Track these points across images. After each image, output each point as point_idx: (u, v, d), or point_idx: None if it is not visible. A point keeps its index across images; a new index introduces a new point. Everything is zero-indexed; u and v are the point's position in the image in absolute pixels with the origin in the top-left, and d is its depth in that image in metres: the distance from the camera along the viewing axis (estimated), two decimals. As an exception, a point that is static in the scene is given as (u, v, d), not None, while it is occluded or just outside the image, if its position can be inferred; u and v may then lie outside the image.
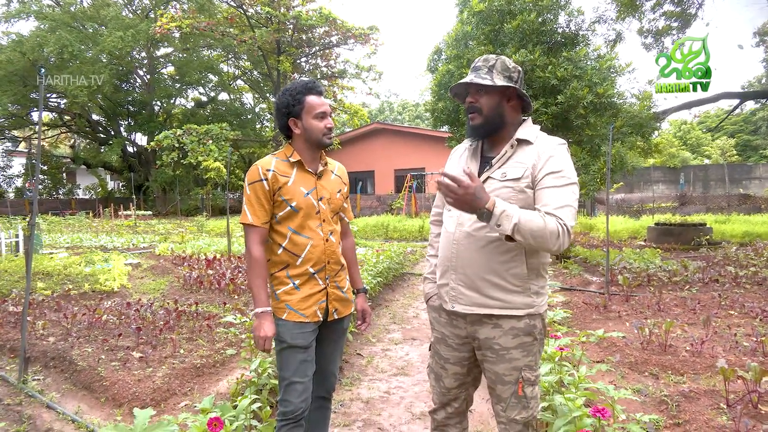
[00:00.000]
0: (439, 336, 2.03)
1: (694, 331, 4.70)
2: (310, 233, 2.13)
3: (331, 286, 2.19)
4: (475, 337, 1.89)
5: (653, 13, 13.52)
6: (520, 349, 1.83)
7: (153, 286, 7.40)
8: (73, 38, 25.47)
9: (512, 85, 1.85)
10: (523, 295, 1.82)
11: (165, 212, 29.23)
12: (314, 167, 2.19)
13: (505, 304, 1.81)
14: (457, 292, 1.88)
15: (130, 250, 11.99)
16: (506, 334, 1.82)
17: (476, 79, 1.84)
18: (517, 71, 1.90)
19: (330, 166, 2.28)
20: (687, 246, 11.40)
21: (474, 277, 1.82)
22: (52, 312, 5.50)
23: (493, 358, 1.85)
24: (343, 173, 2.35)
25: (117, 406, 3.37)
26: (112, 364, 3.90)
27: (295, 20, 24.72)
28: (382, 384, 3.84)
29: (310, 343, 2.12)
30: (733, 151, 38.57)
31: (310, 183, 2.16)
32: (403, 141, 27.18)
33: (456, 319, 1.94)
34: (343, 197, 2.29)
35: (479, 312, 1.83)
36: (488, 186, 1.80)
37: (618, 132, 8.94)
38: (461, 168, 1.83)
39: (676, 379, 3.63)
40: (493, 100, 1.86)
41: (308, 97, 2.10)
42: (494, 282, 1.80)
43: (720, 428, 2.79)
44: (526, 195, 1.75)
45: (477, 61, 1.92)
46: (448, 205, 1.74)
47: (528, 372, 1.85)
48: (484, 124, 1.88)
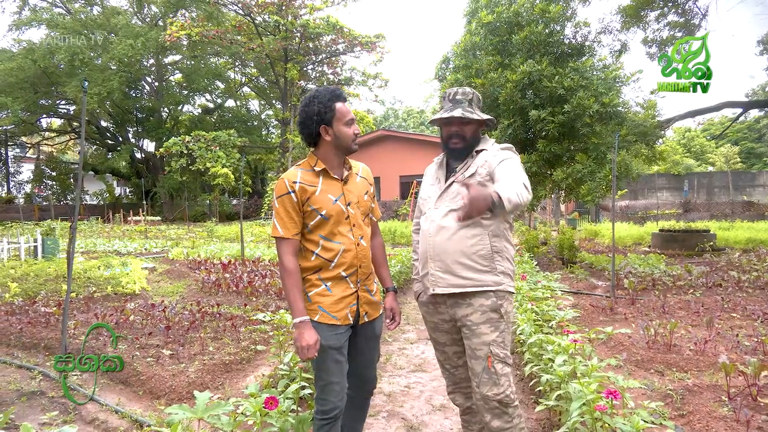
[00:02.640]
0: (431, 326, 2.37)
1: (697, 332, 4.90)
2: (341, 239, 2.16)
3: (361, 289, 2.22)
4: (454, 318, 2.23)
5: (657, 24, 13.79)
6: (488, 325, 2.14)
7: (171, 289, 7.64)
8: (83, 46, 25.90)
9: (489, 117, 2.30)
10: (491, 274, 2.16)
11: (172, 218, 29.53)
12: (339, 173, 2.22)
13: (476, 282, 2.15)
14: (436, 277, 2.20)
15: (143, 254, 12.24)
16: (476, 311, 2.15)
17: (467, 114, 2.23)
18: (479, 101, 2.36)
19: (354, 168, 2.30)
20: (691, 252, 11.58)
21: (449, 261, 2.16)
22: (80, 313, 5.74)
23: (468, 334, 2.18)
24: (367, 174, 2.35)
25: (155, 399, 3.59)
26: (146, 360, 4.13)
27: (302, 28, 25.10)
28: (401, 379, 4.06)
29: (343, 344, 2.16)
30: (737, 158, 38.69)
31: (337, 189, 2.19)
32: (409, 147, 27.44)
33: (439, 306, 2.27)
34: (370, 198, 2.32)
35: (455, 291, 2.16)
36: (453, 188, 2.22)
37: (623, 140, 9.16)
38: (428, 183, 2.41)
39: (680, 376, 3.84)
40: (473, 129, 2.29)
41: (337, 104, 2.15)
42: (465, 263, 2.14)
43: (721, 418, 2.99)
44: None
45: (455, 94, 2.28)
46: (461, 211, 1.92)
47: (497, 348, 2.14)
48: (465, 148, 2.27)
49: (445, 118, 2.25)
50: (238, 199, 32.41)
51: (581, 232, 14.22)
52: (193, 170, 25.60)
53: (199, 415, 2.01)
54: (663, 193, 28.79)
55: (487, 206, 1.83)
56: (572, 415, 2.19)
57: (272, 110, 35.39)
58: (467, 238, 2.14)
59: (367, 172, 2.37)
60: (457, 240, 2.14)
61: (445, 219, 2.18)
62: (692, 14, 13.57)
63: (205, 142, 24.29)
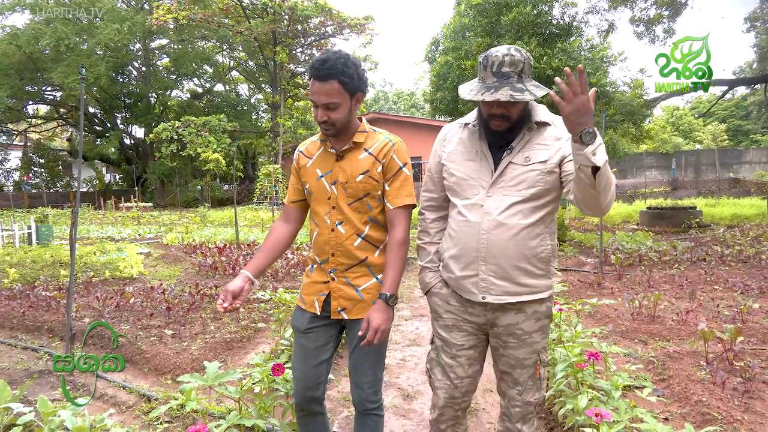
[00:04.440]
0: (449, 323, 1.94)
1: (680, 304, 5.11)
2: (317, 219, 1.99)
3: (339, 281, 1.96)
4: (494, 323, 1.88)
5: (645, 2, 13.86)
6: (540, 332, 1.87)
7: (168, 272, 7.75)
8: (68, 31, 25.55)
9: (547, 90, 1.70)
10: (546, 278, 1.85)
11: (164, 204, 29.46)
12: (339, 146, 1.94)
13: (533, 289, 1.82)
14: (488, 283, 1.81)
15: (137, 240, 12.31)
16: (529, 319, 1.84)
17: (517, 95, 1.66)
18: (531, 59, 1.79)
19: (368, 142, 1.95)
20: (678, 228, 11.83)
21: (507, 266, 1.78)
22: (80, 297, 5.85)
23: (515, 344, 1.86)
24: (382, 149, 1.93)
25: (160, 375, 3.73)
26: (150, 340, 4.27)
27: (290, 11, 24.86)
28: (397, 353, 4.22)
29: (307, 329, 2.00)
30: (725, 136, 39.08)
31: (328, 164, 1.96)
32: (400, 130, 27.41)
33: (472, 306, 1.89)
34: (372, 179, 1.91)
35: (511, 300, 1.81)
36: (511, 171, 1.77)
37: (611, 120, 9.31)
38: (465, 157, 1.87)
39: (662, 344, 4.03)
40: (524, 107, 1.77)
41: (312, 80, 1.81)
42: (526, 269, 1.79)
43: (699, 381, 3.18)
44: (553, 177, 1.75)
45: (501, 65, 1.69)
46: (570, 110, 1.54)
47: (544, 354, 1.92)
48: (511, 128, 1.78)
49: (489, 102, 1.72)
50: (229, 185, 32.36)
51: (571, 211, 14.46)
52: (183, 156, 25.49)
53: (210, 382, 2.15)
54: (651, 171, 29.12)
55: (582, 138, 1.53)
56: (557, 376, 2.35)
57: (262, 94, 35.18)
58: (530, 238, 1.77)
59: (384, 147, 1.94)
60: (519, 241, 1.76)
61: (506, 214, 1.77)
62: (679, -8, 13.66)
63: (195, 128, 24.17)
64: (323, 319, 2.00)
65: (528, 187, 1.75)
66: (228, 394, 2.33)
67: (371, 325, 1.83)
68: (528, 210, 1.77)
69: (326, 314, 1.99)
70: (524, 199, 1.76)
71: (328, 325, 2.01)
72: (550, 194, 1.79)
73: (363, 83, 1.84)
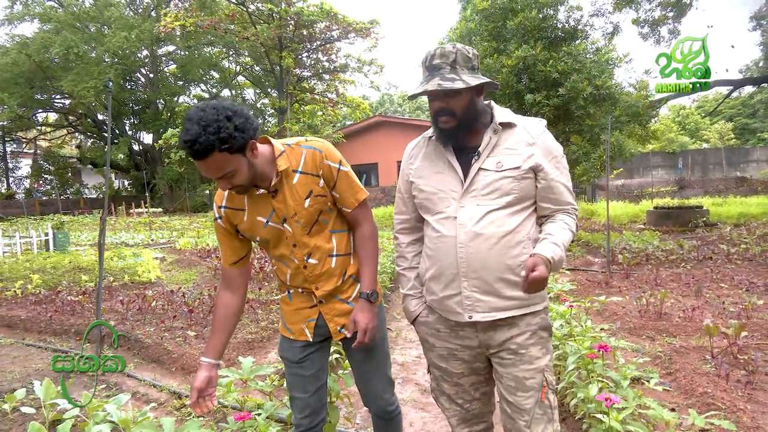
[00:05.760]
0: (443, 352, 1.81)
1: (686, 301, 5.24)
2: (285, 260, 1.85)
3: (328, 302, 1.87)
4: (488, 344, 1.73)
5: (649, 4, 13.98)
6: (539, 346, 1.70)
7: (184, 276, 7.94)
8: (77, 39, 25.92)
9: (485, 80, 1.66)
10: None
11: (173, 209, 29.77)
12: (266, 185, 1.73)
13: (523, 302, 1.67)
14: (472, 300, 1.67)
15: (150, 245, 12.53)
16: (523, 333, 1.69)
17: (445, 84, 1.60)
18: (476, 57, 1.69)
19: (293, 161, 1.75)
20: (684, 228, 11.92)
21: (490, 279, 1.64)
22: (103, 301, 6.04)
23: (511, 359, 1.69)
24: (312, 162, 1.76)
25: (187, 374, 3.91)
26: (175, 341, 4.45)
27: (296, 16, 25.11)
28: (412, 351, 4.38)
29: (301, 359, 1.89)
30: (731, 134, 39.02)
31: (266, 207, 1.76)
32: (406, 133, 27.63)
33: (462, 329, 1.74)
34: (320, 196, 1.78)
35: (500, 317, 1.67)
36: (482, 178, 1.66)
37: (617, 121, 9.44)
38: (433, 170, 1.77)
39: (669, 340, 4.17)
40: (465, 100, 1.66)
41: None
42: (510, 280, 1.64)
43: (704, 374, 3.32)
44: (527, 182, 1.67)
45: (432, 58, 1.66)
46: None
47: (549, 374, 1.71)
48: (459, 126, 1.68)
49: (417, 94, 1.68)
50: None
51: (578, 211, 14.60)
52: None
53: (246, 376, 2.31)
54: (658, 171, 29.14)
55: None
56: (568, 368, 2.50)
57: (268, 99, 35.47)
58: (511, 247, 1.64)
59: (312, 159, 1.76)
60: (500, 251, 1.63)
61: (482, 223, 1.64)
62: (683, -7, 13.76)
63: (203, 133, 24.42)
64: (316, 345, 1.91)
65: (502, 195, 1.65)
66: (261, 389, 2.50)
67: (359, 326, 1.80)
68: (505, 217, 1.65)
69: (320, 338, 1.90)
70: (497, 207, 1.65)
71: (321, 349, 1.93)
72: (527, 200, 1.69)
73: (249, 130, 1.57)
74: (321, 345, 1.92)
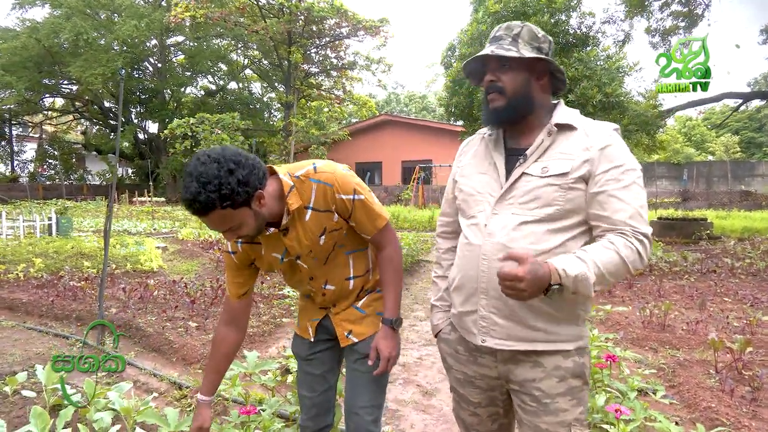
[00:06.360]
0: (460, 377, 1.63)
1: (690, 314, 5.22)
2: (302, 290, 1.86)
3: (343, 309, 1.84)
4: (508, 378, 1.51)
5: (661, 13, 13.96)
6: (569, 397, 1.44)
7: (186, 267, 7.94)
8: (87, 26, 25.92)
9: (543, 56, 1.47)
10: (572, 324, 1.46)
11: (175, 199, 29.78)
12: (276, 222, 1.63)
13: (550, 336, 1.43)
14: (488, 321, 1.46)
15: (153, 234, 12.53)
16: (550, 377, 1.43)
17: (498, 50, 1.45)
18: (547, 42, 1.52)
19: (304, 197, 1.61)
20: (688, 240, 11.89)
21: (513, 303, 1.40)
22: (106, 288, 6.02)
23: (534, 408, 1.46)
24: (323, 199, 1.63)
25: (188, 365, 3.90)
26: (177, 331, 4.44)
27: (306, 12, 25.09)
28: (414, 352, 4.37)
29: (308, 356, 1.89)
30: (737, 148, 38.95)
31: (279, 245, 1.68)
32: (411, 133, 27.65)
33: (482, 356, 1.55)
34: (335, 230, 1.69)
35: (518, 348, 1.44)
36: (524, 184, 1.44)
37: (624, 129, 9.41)
38: (477, 170, 1.57)
39: (672, 352, 4.15)
40: (519, 77, 1.47)
41: None
42: (539, 308, 1.41)
43: (708, 389, 3.30)
44: (576, 194, 1.40)
45: (497, 30, 1.51)
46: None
47: (579, 428, 1.45)
48: (508, 107, 1.48)
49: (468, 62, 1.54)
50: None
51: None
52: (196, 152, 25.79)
53: (251, 370, 2.30)
54: (662, 181, 29.08)
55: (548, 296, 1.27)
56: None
57: (275, 93, 35.47)
58: None
59: (325, 195, 1.62)
60: None
61: (514, 236, 1.42)
62: (695, 4, 13.74)
63: (209, 125, 24.45)
64: (325, 342, 1.88)
65: (543, 205, 1.40)
66: (264, 383, 2.48)
67: (381, 354, 1.70)
68: (543, 233, 1.41)
69: (324, 337, 1.87)
70: (537, 219, 1.41)
71: (330, 350, 1.89)
72: (574, 216, 1.42)
73: (254, 182, 1.46)
74: (330, 345, 1.88)
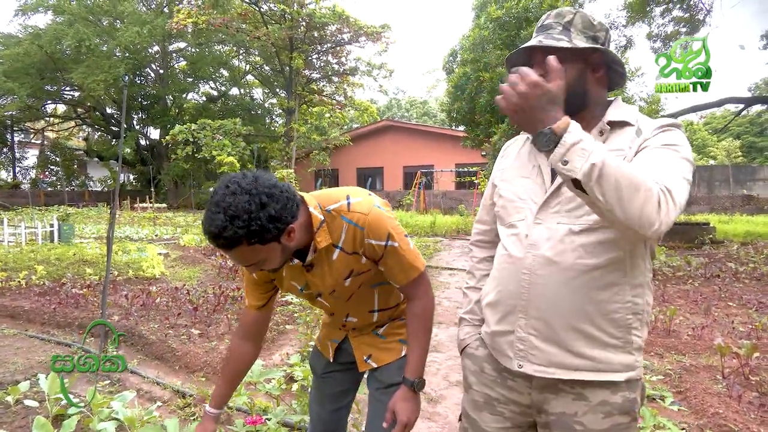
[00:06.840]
0: (479, 399, 1.43)
1: (695, 319, 5.20)
2: (322, 309, 1.78)
3: (366, 334, 1.77)
4: (542, 409, 1.33)
5: (662, 19, 13.96)
6: None
7: (188, 273, 7.92)
8: (90, 32, 26.04)
9: (599, 46, 1.29)
10: (623, 352, 1.26)
11: (177, 205, 29.82)
12: (301, 254, 1.53)
13: (598, 364, 1.24)
14: (527, 344, 1.29)
15: (154, 241, 12.52)
16: (594, 412, 1.26)
17: (547, 40, 1.27)
18: (604, 30, 1.33)
19: (334, 235, 1.49)
20: (691, 244, 11.85)
21: (558, 325, 1.24)
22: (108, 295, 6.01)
23: None
24: (353, 241, 1.49)
25: (191, 372, 3.88)
26: (179, 338, 4.42)
27: (308, 18, 25.18)
28: (418, 359, 4.34)
29: (325, 374, 1.85)
30: (739, 152, 38.94)
31: (301, 278, 1.59)
32: (412, 138, 27.68)
33: (513, 379, 1.36)
34: (362, 273, 1.56)
35: (560, 376, 1.26)
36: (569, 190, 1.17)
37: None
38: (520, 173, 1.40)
39: (678, 358, 4.12)
40: (572, 70, 1.27)
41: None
42: (587, 333, 1.23)
43: (715, 394, 3.28)
44: None
45: (546, 18, 1.34)
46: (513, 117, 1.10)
47: None
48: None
49: (513, 54, 1.37)
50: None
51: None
52: (198, 158, 25.84)
53: (256, 379, 2.29)
54: (664, 186, 29.03)
55: (535, 141, 1.10)
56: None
57: (276, 99, 35.55)
58: (598, 288, 1.22)
59: (355, 238, 1.49)
60: (581, 289, 1.23)
61: (560, 248, 1.24)
62: (697, 9, 13.75)
63: (210, 131, 24.50)
64: (343, 364, 1.81)
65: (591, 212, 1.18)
66: (269, 391, 2.46)
67: (399, 418, 1.53)
68: (594, 245, 1.21)
69: (343, 360, 1.80)
70: (586, 228, 1.22)
71: (347, 371, 1.81)
72: None
73: (286, 218, 1.33)
74: (348, 367, 1.80)
